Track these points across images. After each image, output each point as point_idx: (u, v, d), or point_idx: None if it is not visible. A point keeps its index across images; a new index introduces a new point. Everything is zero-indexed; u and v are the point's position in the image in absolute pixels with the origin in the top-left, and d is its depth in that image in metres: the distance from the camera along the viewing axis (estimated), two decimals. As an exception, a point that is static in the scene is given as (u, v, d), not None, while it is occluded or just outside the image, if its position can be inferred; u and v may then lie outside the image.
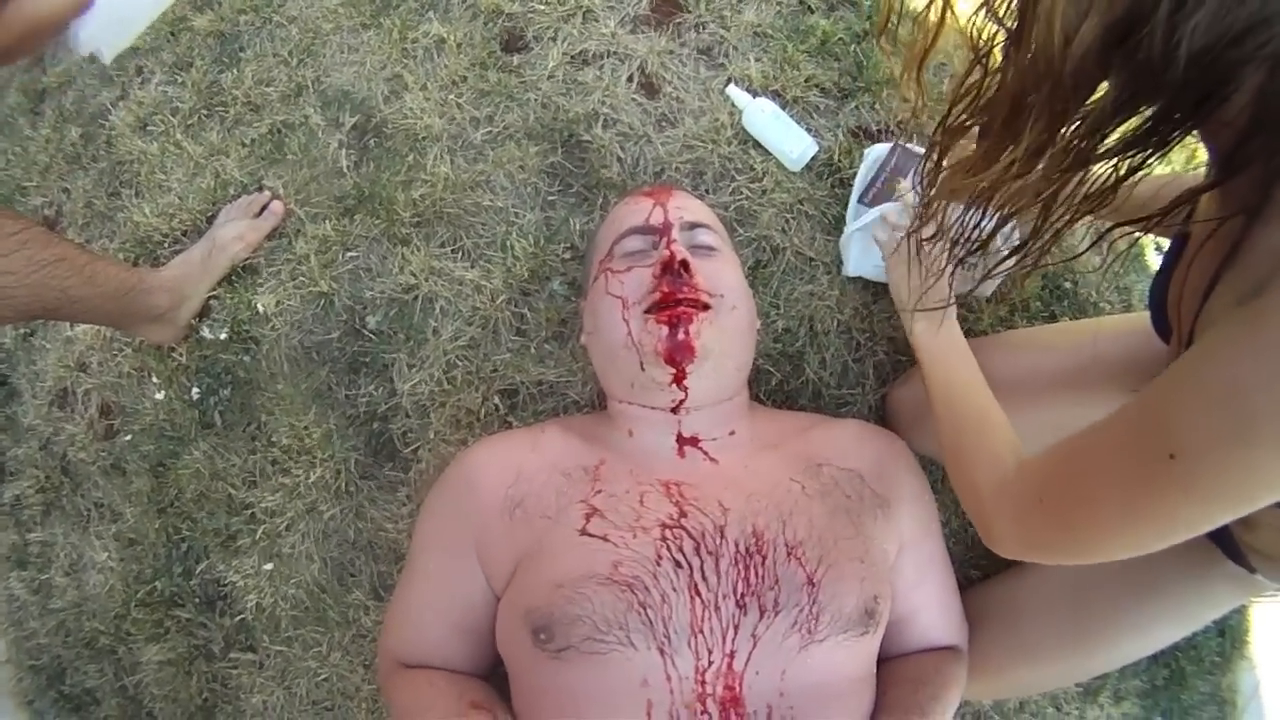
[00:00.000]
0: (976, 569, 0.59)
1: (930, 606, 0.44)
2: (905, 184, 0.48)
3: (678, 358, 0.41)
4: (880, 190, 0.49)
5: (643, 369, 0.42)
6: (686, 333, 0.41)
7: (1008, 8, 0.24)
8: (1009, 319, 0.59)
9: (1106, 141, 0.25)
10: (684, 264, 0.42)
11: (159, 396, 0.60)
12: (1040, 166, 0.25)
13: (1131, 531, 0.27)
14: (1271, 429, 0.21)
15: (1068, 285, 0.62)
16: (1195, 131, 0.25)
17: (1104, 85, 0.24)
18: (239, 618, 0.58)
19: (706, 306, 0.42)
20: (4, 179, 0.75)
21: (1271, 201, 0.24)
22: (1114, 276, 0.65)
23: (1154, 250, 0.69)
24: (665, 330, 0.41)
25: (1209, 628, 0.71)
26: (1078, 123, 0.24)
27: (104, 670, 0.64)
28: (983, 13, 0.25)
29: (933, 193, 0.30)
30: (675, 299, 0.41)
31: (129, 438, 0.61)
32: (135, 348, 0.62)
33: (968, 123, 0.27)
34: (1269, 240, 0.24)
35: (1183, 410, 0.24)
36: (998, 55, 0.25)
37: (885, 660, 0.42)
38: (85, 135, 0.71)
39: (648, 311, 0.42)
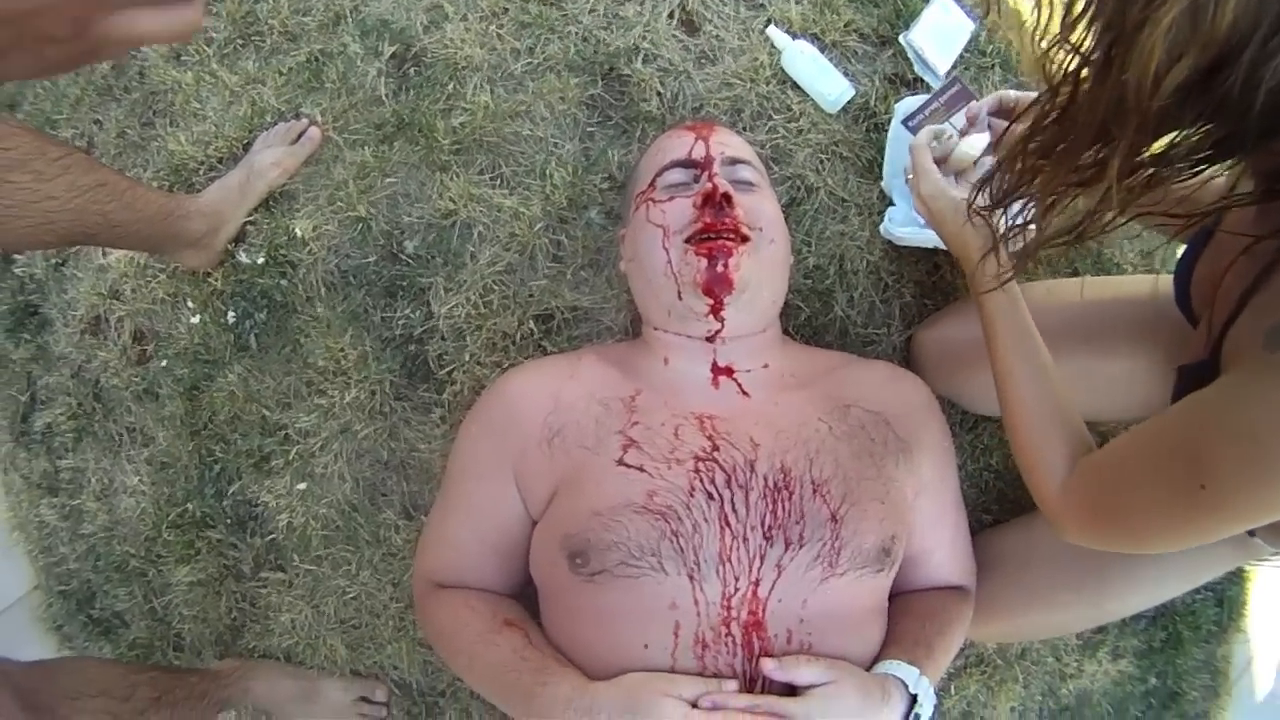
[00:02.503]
0: (988, 513, 0.60)
1: (942, 547, 0.46)
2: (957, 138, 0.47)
3: (716, 289, 0.42)
4: (926, 119, 0.50)
5: (680, 298, 0.43)
6: (725, 265, 0.42)
7: (1091, 44, 0.25)
8: (1031, 271, 0.60)
9: (1167, 153, 0.26)
10: (726, 197, 0.42)
11: (194, 321, 0.61)
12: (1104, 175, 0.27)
13: (1176, 541, 0.32)
14: None
15: (1092, 243, 0.62)
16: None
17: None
18: (270, 538, 0.59)
19: (746, 239, 0.43)
20: (33, 113, 0.75)
21: None
22: (1139, 240, 0.66)
23: None
24: (704, 262, 0.42)
25: (1207, 596, 0.73)
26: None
27: (134, 593, 0.65)
28: (1060, 47, 0.26)
29: (1002, 201, 0.32)
30: (716, 230, 0.42)
31: (164, 362, 0.62)
32: (169, 274, 0.63)
33: (1046, 152, 0.29)
34: None
35: (1211, 447, 0.27)
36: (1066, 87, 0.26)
37: (896, 595, 0.43)
38: (116, 67, 0.71)
39: (688, 241, 0.43)
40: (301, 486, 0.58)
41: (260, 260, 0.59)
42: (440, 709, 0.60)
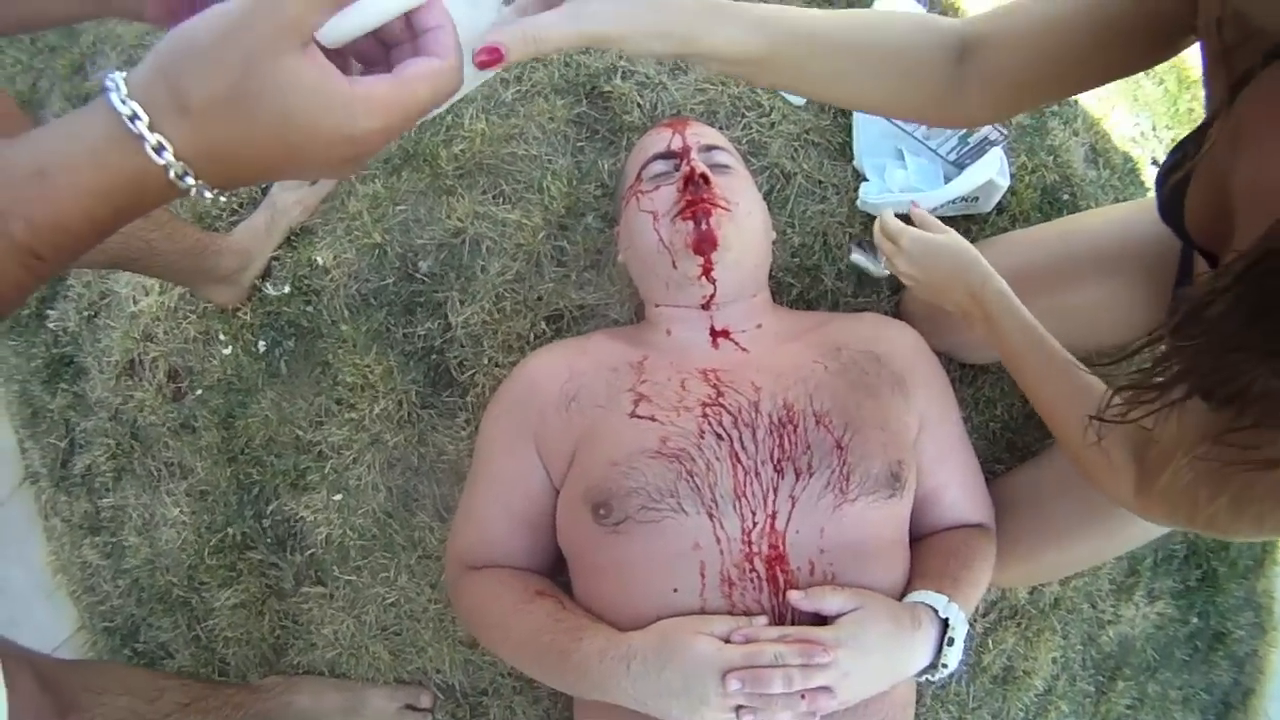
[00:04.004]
0: (1000, 463, 0.62)
1: (954, 483, 0.48)
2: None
3: (705, 246, 0.45)
4: None
5: (675, 266, 0.47)
6: (709, 224, 0.45)
7: None
8: (1009, 229, 0.64)
9: None
10: (704, 176, 0.46)
11: (226, 352, 0.65)
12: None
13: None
14: None
15: (1066, 198, 0.66)
16: None
17: None
18: (309, 553, 0.62)
19: (726, 208, 0.46)
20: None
21: None
22: (1112, 190, 0.69)
23: (1150, 165, 0.74)
24: (691, 225, 0.45)
25: (1238, 530, 0.73)
26: None
27: (177, 622, 0.67)
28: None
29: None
30: (698, 203, 0.46)
31: (199, 392, 0.66)
32: (200, 314, 0.67)
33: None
34: None
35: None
36: None
37: (917, 539, 0.45)
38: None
39: (675, 217, 0.46)
40: (337, 498, 0.61)
41: (286, 290, 0.64)
42: (484, 708, 0.61)
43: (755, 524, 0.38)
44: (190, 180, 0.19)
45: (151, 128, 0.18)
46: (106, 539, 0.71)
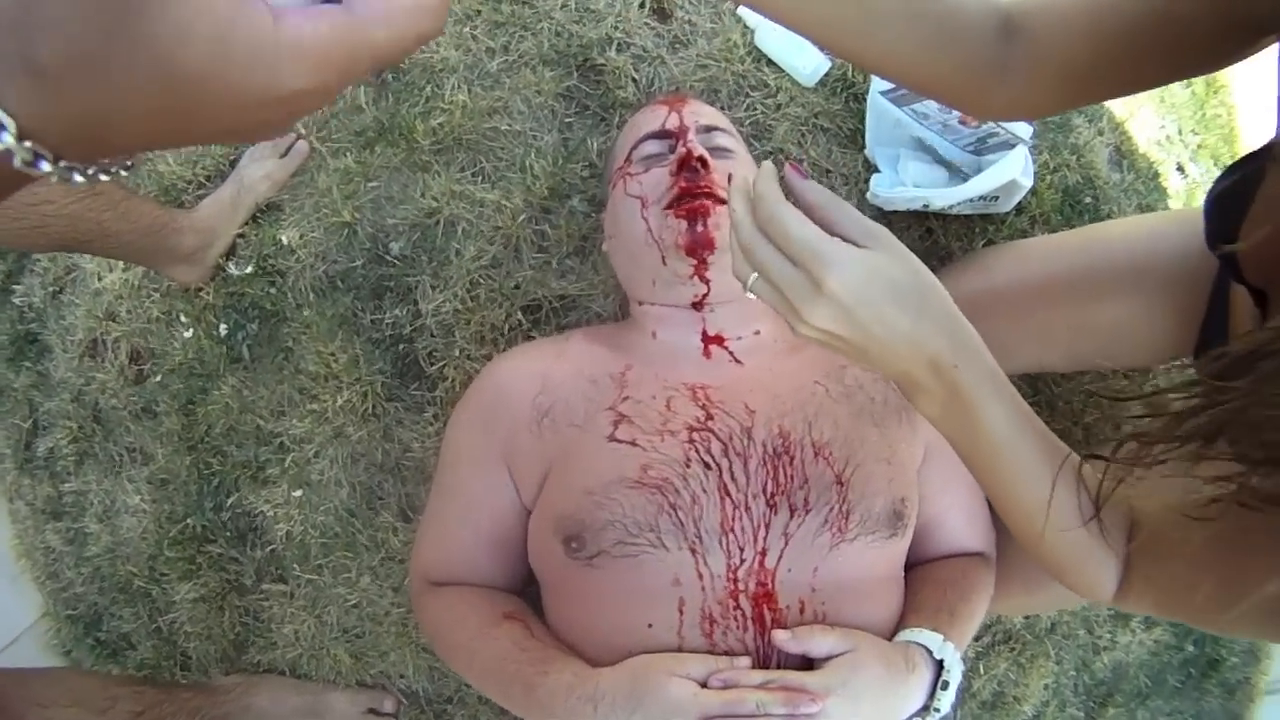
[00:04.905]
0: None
1: (957, 511, 0.44)
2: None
3: (699, 249, 0.41)
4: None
5: (664, 264, 0.42)
6: (705, 225, 0.41)
7: None
8: (1029, 231, 0.59)
9: None
10: (701, 160, 0.42)
11: (188, 335, 0.61)
12: None
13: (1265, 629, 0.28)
14: None
15: (1088, 200, 0.61)
16: None
17: None
18: (269, 549, 0.59)
19: (723, 201, 0.42)
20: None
21: None
22: (1135, 195, 0.64)
23: (1175, 171, 0.69)
24: (684, 224, 0.41)
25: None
26: None
27: (139, 613, 0.65)
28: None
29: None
30: (692, 193, 0.41)
31: (159, 378, 0.62)
32: (163, 292, 0.63)
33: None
34: None
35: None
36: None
37: (914, 565, 0.42)
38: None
39: (667, 208, 0.42)
40: (298, 493, 0.57)
41: (249, 270, 0.60)
42: (449, 715, 0.58)
43: (743, 561, 0.35)
44: (46, 166, 0.13)
45: None
46: (69, 524, 0.69)
